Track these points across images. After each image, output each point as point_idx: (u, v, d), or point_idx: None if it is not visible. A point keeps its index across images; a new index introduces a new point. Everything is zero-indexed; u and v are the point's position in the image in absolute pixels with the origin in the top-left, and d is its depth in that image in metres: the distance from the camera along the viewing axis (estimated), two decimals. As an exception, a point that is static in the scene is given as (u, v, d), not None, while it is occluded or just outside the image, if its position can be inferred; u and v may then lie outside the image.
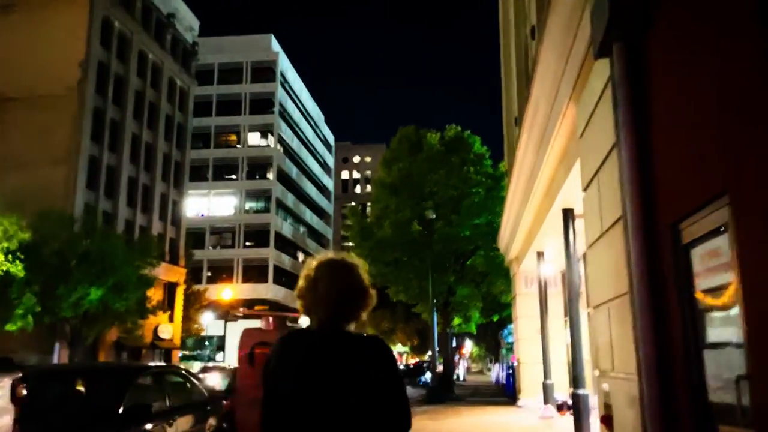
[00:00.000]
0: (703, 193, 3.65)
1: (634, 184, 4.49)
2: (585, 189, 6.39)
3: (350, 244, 26.02)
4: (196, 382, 7.03)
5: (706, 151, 3.61)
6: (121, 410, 5.32)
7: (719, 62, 3.30)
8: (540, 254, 14.08)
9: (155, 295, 45.94)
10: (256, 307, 65.19)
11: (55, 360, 35.64)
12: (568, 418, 13.20)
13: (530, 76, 9.10)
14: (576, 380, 9.73)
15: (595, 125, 5.79)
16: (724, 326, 3.61)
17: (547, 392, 13.83)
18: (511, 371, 24.81)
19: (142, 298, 34.24)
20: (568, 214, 10.02)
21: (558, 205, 9.98)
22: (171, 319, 48.23)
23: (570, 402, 14.79)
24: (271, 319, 4.65)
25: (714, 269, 3.66)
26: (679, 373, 4.06)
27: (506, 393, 25.10)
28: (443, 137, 24.32)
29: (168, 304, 47.92)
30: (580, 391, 9.63)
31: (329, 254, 2.28)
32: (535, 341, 16.87)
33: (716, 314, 3.71)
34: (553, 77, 7.04)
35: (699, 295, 3.87)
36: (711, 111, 3.48)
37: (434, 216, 20.95)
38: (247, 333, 4.80)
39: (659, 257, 4.30)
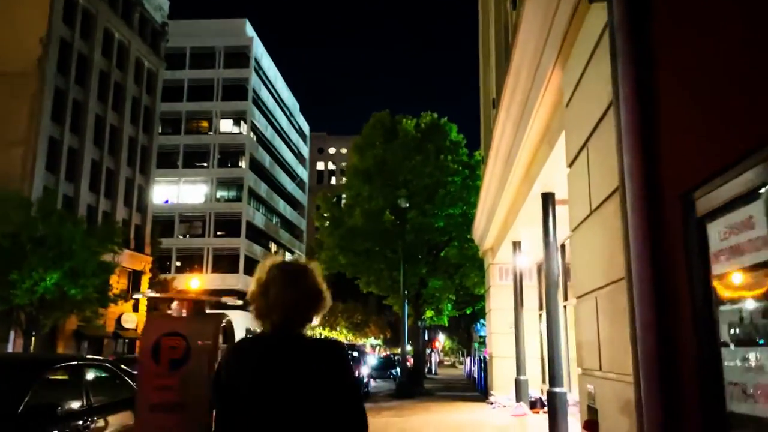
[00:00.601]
0: (726, 152, 2.89)
1: (635, 150, 3.71)
2: (570, 164, 5.64)
3: (320, 233, 25.13)
4: (126, 377, 6.15)
5: (733, 99, 2.84)
6: (20, 410, 4.44)
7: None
8: (516, 244, 13.39)
9: (119, 283, 44.57)
10: (224, 298, 63.86)
11: (10, 349, 34.14)
12: (542, 417, 12.58)
13: (510, 47, 8.35)
14: (552, 377, 9.06)
15: (585, 89, 5.03)
16: (751, 319, 2.87)
17: (520, 389, 13.18)
18: (483, 365, 24.24)
19: (103, 286, 32.93)
20: (547, 199, 9.31)
21: (537, 189, 9.26)
22: (135, 309, 46.79)
23: (544, 399, 14.19)
24: (183, 303, 3.87)
25: (739, 247, 2.91)
26: (688, 376, 3.31)
27: (478, 388, 24.54)
28: (419, 124, 23.54)
29: (132, 292, 46.43)
30: (557, 389, 8.96)
31: (280, 258, 2.22)
32: (509, 335, 16.22)
33: (741, 304, 2.97)
34: (537, 39, 6.28)
35: (716, 280, 3.12)
36: (740, 49, 2.72)
37: (407, 205, 20.18)
38: (152, 320, 3.98)
39: (665, 235, 3.54)
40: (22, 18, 36.15)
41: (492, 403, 15.25)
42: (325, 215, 24.07)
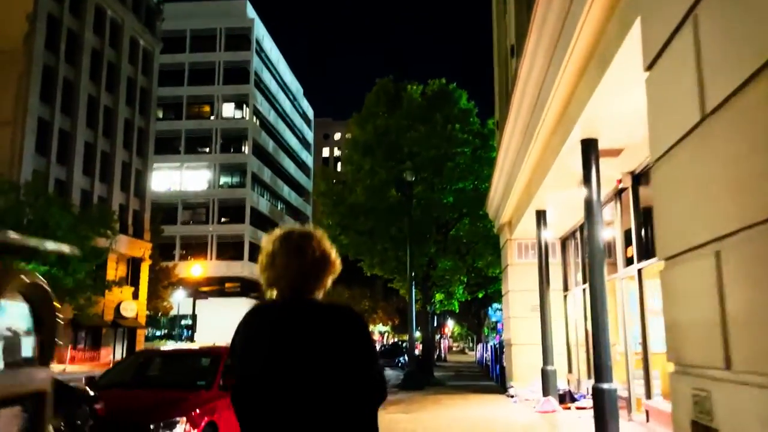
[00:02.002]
0: None
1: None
2: (653, 63, 3.74)
3: (319, 212, 23.26)
4: None
5: None
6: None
7: None
8: (540, 214, 11.53)
9: (118, 270, 43.03)
10: (227, 285, 62.50)
11: None
12: (574, 414, 10.77)
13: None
14: (599, 370, 7.23)
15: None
16: None
17: (547, 381, 11.37)
18: (497, 353, 22.45)
19: (96, 273, 31.37)
20: (589, 148, 7.44)
21: (576, 136, 7.39)
22: (136, 296, 45.30)
23: (574, 392, 12.37)
24: None
25: None
26: None
27: (492, 376, 22.77)
28: (425, 92, 21.60)
29: (132, 280, 44.92)
30: (605, 385, 7.15)
31: (287, 227, 2.16)
32: (530, 319, 14.40)
33: None
34: None
35: None
36: None
37: (413, 178, 18.28)
38: None
39: None
40: (6, -8, 34.28)
41: (512, 396, 13.46)
42: (325, 192, 22.19)
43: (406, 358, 21.91)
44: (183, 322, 61.58)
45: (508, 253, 14.91)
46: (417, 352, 27.04)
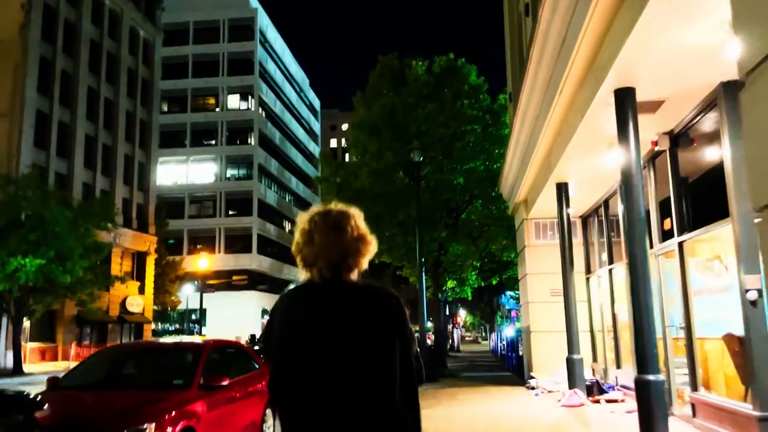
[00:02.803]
0: None
1: None
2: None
3: (323, 199, 22.20)
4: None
5: None
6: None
7: None
8: (562, 188, 10.41)
9: (123, 264, 42.31)
10: (234, 278, 61.79)
11: (2, 337, 32.07)
12: (605, 407, 9.69)
13: None
14: (642, 358, 6.15)
15: None
16: None
17: (573, 371, 10.28)
18: (513, 341, 21.40)
19: (97, 267, 30.52)
20: (625, 98, 6.33)
21: (609, 86, 6.29)
22: (142, 291, 44.59)
23: (602, 383, 11.30)
24: None
25: None
26: None
27: (509, 366, 21.74)
28: (431, 69, 20.45)
29: (137, 274, 44.20)
30: (651, 377, 6.06)
31: (322, 206, 2.14)
32: (551, 304, 13.33)
33: None
34: None
35: None
36: None
37: (421, 158, 17.18)
38: None
39: None
40: (0, -19, 33.33)
41: (534, 389, 12.41)
42: (328, 177, 21.10)
43: (418, 348, 20.89)
44: (194, 316, 61.07)
45: (525, 234, 13.82)
46: (429, 342, 26.06)
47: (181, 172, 69.29)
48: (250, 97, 70.29)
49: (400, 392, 1.92)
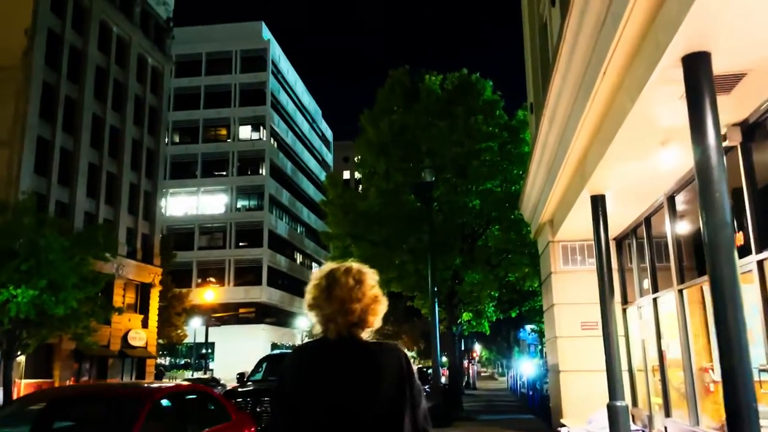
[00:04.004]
0: None
1: None
2: None
3: (328, 222, 20.67)
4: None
5: None
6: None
7: None
8: (598, 202, 8.80)
9: (126, 297, 40.91)
10: (241, 311, 60.21)
11: (-6, 373, 30.50)
12: (660, 468, 7.89)
13: None
14: (737, 417, 4.44)
15: None
16: None
17: (616, 421, 8.49)
18: (537, 380, 19.53)
19: (96, 299, 29.08)
20: (698, 65, 4.77)
21: (673, 54, 4.75)
22: (145, 325, 43.06)
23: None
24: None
25: None
26: None
27: (531, 407, 19.81)
28: (443, 87, 19.10)
29: (141, 307, 42.76)
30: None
31: (336, 263, 2.23)
32: (583, 339, 11.60)
33: None
34: None
35: None
36: None
37: (433, 178, 15.68)
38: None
39: None
40: (3, 6, 32.79)
41: (565, 439, 10.60)
42: (333, 200, 19.61)
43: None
44: (204, 350, 59.44)
45: (551, 259, 12.15)
46: (443, 379, 24.15)
47: (191, 203, 68.79)
48: (261, 127, 70.00)
49: None
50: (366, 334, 2.11)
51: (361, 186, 19.49)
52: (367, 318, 2.09)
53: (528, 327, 36.73)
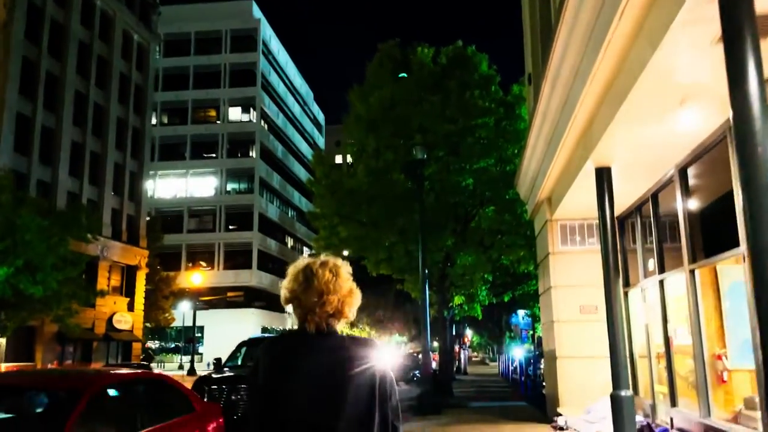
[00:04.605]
0: None
1: None
2: None
3: (315, 202, 19.85)
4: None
5: None
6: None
7: None
8: (603, 174, 8.05)
9: (111, 279, 40.06)
10: (229, 294, 59.50)
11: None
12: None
13: None
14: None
15: None
16: None
17: (620, 412, 7.79)
18: (528, 366, 18.94)
19: (80, 281, 28.28)
20: (736, 1, 4.00)
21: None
22: (131, 308, 42.24)
23: (654, 426, 8.83)
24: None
25: None
26: None
27: (523, 394, 19.23)
28: (437, 60, 18.25)
29: (126, 290, 41.92)
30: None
31: (311, 258, 2.27)
32: (582, 324, 10.94)
33: None
34: None
35: None
36: None
37: (424, 155, 14.91)
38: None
39: None
40: (-20, -23, 31.50)
41: (563, 429, 9.95)
42: (320, 179, 18.77)
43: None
44: (193, 334, 58.69)
45: (549, 239, 11.44)
46: (434, 364, 23.52)
47: (180, 185, 67.76)
48: (251, 109, 68.84)
49: None
50: (341, 326, 2.18)
51: (351, 164, 18.65)
52: (343, 309, 2.16)
53: (521, 312, 36.19)
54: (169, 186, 67.24)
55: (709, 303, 7.61)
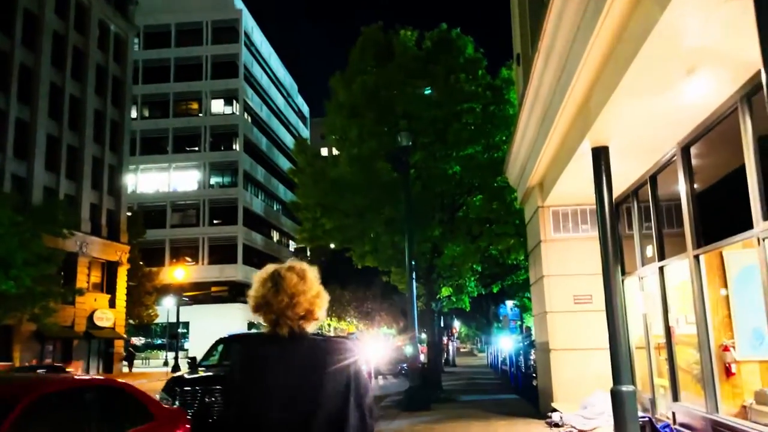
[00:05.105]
0: None
1: None
2: None
3: (297, 192, 19.19)
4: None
5: None
6: None
7: None
8: (601, 154, 7.50)
9: (91, 275, 39.15)
10: (213, 289, 58.70)
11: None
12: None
13: None
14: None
15: None
16: None
17: (622, 408, 7.27)
18: (520, 357, 18.49)
19: (52, 278, 27.42)
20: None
21: None
22: (112, 304, 41.33)
23: (655, 422, 8.34)
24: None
25: None
26: None
27: (513, 386, 18.80)
28: (421, 45, 17.63)
29: (107, 286, 40.99)
30: None
31: (278, 265, 2.31)
32: (576, 315, 10.45)
33: None
34: None
35: None
36: None
37: (410, 142, 14.34)
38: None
39: None
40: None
41: (557, 426, 9.46)
42: (303, 169, 18.12)
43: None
44: (181, 330, 57.88)
45: (541, 226, 10.91)
46: (422, 357, 23.03)
47: (162, 179, 66.79)
48: (234, 101, 67.88)
49: None
50: (312, 328, 2.20)
51: (336, 153, 18.02)
52: (313, 310, 2.18)
53: (509, 303, 35.82)
54: (152, 180, 66.25)
55: (715, 290, 7.12)
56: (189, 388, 8.78)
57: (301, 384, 2.02)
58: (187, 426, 5.65)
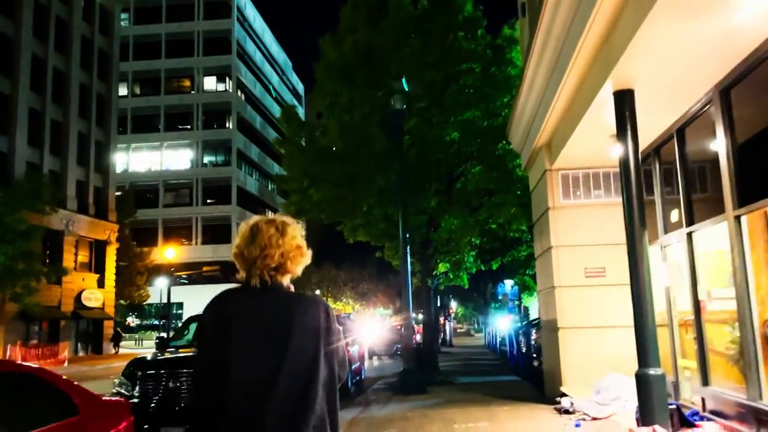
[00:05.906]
0: None
1: None
2: None
3: (284, 163, 18.05)
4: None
5: None
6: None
7: None
8: (625, 99, 6.37)
9: (79, 254, 38.08)
10: (204, 269, 57.79)
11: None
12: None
13: None
14: None
15: None
16: None
17: (649, 395, 6.22)
18: (520, 337, 17.52)
19: (34, 255, 26.36)
20: None
21: None
22: (101, 284, 40.30)
23: (683, 406, 7.31)
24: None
25: None
26: None
27: (513, 368, 17.86)
28: (416, 5, 16.38)
29: (96, 266, 39.93)
30: None
31: (264, 216, 2.29)
32: (588, 290, 9.39)
33: None
34: None
35: None
36: None
37: (404, 106, 13.19)
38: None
39: None
40: None
41: (568, 412, 8.44)
42: (289, 138, 16.95)
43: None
44: (176, 310, 57.05)
45: (549, 192, 9.79)
46: (418, 337, 22.10)
47: (154, 158, 65.70)
48: (227, 78, 66.54)
49: (323, 391, 2.04)
50: (287, 281, 2.17)
51: (322, 117, 16.84)
52: (286, 264, 2.14)
53: (507, 282, 34.86)
54: (144, 159, 65.15)
55: (760, 257, 6.05)
56: (152, 372, 7.71)
57: (272, 332, 2.01)
58: (124, 423, 4.59)
